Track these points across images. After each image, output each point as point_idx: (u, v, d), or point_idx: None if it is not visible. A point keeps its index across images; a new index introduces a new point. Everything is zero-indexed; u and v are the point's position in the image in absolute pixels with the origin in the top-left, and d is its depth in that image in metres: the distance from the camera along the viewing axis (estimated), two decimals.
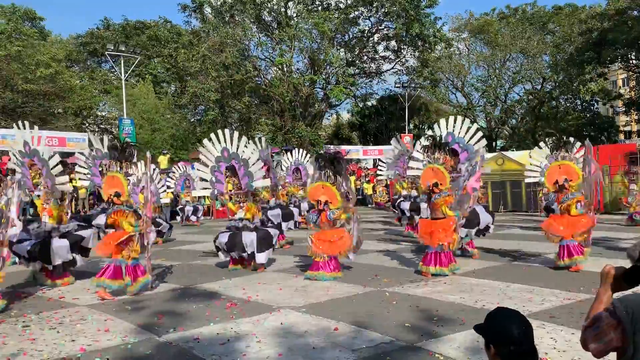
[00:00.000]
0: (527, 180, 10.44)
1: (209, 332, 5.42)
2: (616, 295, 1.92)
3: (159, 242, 12.65)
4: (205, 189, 9.76)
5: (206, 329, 5.52)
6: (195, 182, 20.17)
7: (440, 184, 8.40)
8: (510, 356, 1.92)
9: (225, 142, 9.35)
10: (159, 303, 6.85)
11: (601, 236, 11.86)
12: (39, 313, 6.40)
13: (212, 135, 9.46)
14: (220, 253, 9.33)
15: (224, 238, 9.15)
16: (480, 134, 9.61)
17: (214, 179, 9.42)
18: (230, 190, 9.39)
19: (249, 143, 9.78)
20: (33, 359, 4.72)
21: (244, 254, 9.07)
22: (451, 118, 9.87)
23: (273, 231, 9.66)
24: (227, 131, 9.59)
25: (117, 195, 7.58)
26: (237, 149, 9.27)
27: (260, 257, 8.99)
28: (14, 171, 8.70)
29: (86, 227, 9.24)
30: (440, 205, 8.34)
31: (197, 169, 10.18)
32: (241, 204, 9.33)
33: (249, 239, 8.95)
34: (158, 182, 14.24)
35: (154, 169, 14.37)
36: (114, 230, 7.85)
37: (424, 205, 11.48)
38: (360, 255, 10.31)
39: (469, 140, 9.48)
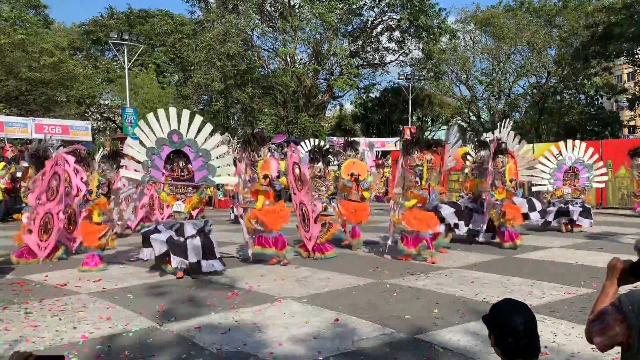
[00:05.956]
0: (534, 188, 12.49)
1: (210, 322, 5.44)
2: (623, 289, 1.90)
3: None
4: (136, 171, 7.88)
5: (207, 318, 5.54)
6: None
7: (360, 175, 10.25)
8: (508, 347, 1.91)
9: (172, 122, 7.58)
10: (160, 292, 6.87)
11: (602, 231, 11.86)
12: (41, 300, 6.41)
13: (160, 112, 7.66)
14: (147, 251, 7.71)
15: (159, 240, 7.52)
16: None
17: (149, 162, 7.73)
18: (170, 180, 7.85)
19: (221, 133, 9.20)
20: (35, 346, 4.74)
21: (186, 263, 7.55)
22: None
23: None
24: (174, 110, 7.71)
25: (265, 176, 8.61)
26: (195, 134, 7.61)
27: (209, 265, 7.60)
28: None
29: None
30: (364, 190, 10.23)
31: (129, 145, 8.08)
32: (179, 196, 7.87)
33: (193, 244, 7.47)
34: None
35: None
36: None
37: None
38: (360, 247, 10.33)
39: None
